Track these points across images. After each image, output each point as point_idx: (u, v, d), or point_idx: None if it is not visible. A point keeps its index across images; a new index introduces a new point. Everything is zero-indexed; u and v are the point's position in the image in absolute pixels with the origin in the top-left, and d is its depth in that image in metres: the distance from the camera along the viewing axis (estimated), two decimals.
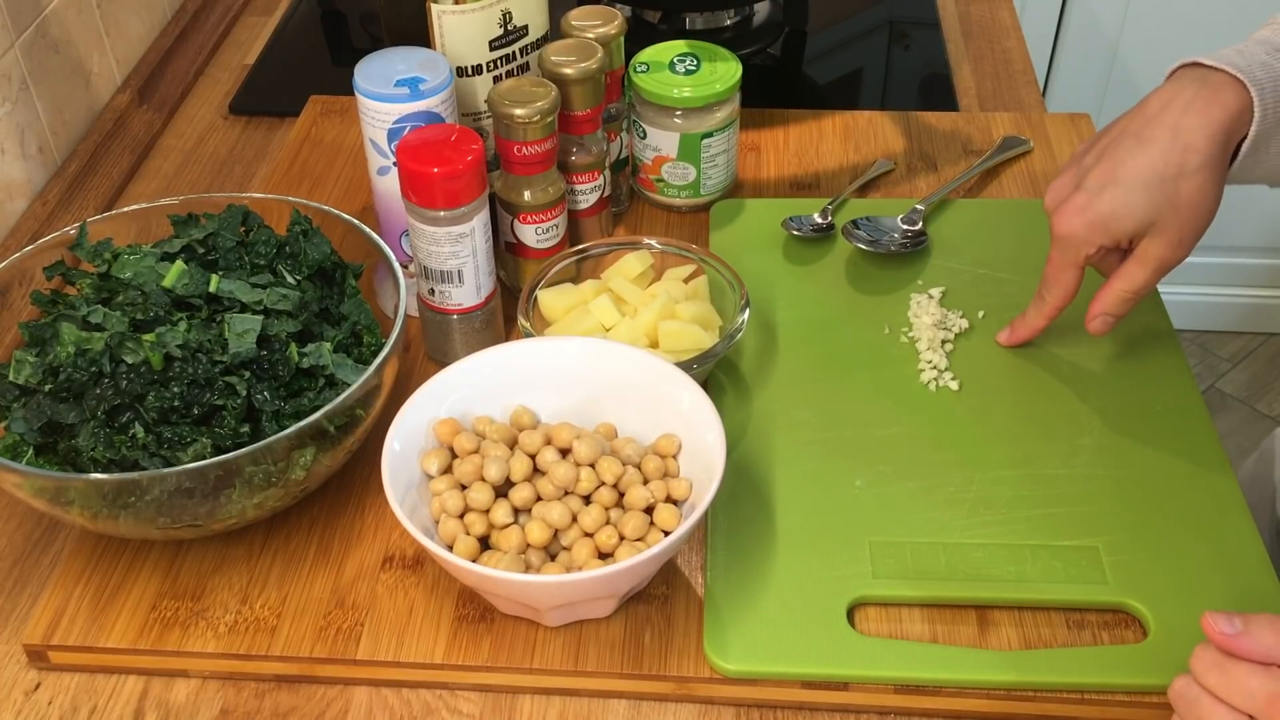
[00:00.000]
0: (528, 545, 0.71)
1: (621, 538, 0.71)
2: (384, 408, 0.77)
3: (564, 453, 0.74)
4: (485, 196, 0.82)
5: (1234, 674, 0.56)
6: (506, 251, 0.92)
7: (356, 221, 0.83)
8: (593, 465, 0.73)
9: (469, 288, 0.84)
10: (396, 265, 0.80)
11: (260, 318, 0.75)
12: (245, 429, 0.72)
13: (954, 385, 0.84)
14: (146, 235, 0.84)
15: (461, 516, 0.72)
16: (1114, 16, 1.87)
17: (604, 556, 0.71)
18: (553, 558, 0.72)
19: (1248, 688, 0.55)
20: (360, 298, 0.81)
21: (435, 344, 0.88)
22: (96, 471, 0.71)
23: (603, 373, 0.77)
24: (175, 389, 0.72)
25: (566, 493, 0.72)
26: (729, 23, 1.24)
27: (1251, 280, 2.14)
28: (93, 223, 0.82)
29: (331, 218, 0.84)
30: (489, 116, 0.91)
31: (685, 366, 0.78)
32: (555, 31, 0.93)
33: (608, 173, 0.95)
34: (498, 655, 0.71)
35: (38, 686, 0.72)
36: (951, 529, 0.75)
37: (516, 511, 0.73)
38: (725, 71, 0.97)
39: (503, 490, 0.73)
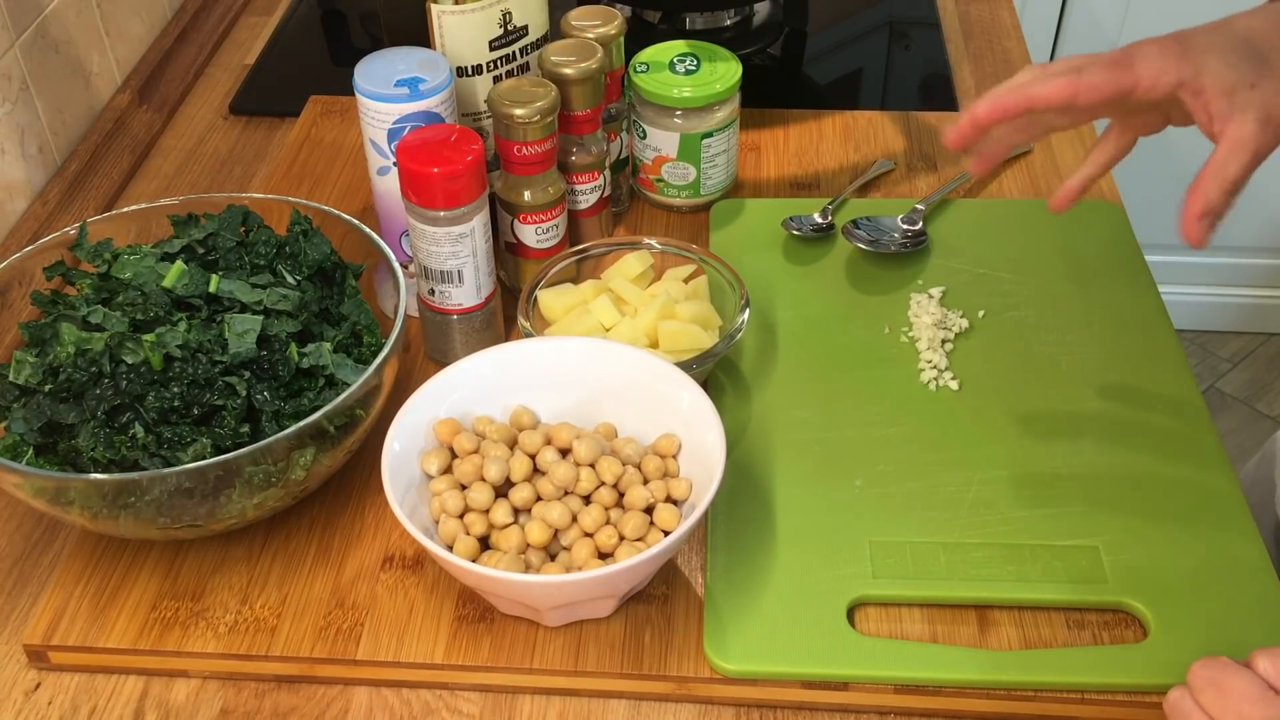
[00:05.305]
0: (528, 545, 0.71)
1: (621, 538, 0.71)
2: (384, 408, 0.77)
3: (564, 453, 0.74)
4: (485, 196, 0.82)
5: (1230, 696, 0.55)
6: (506, 251, 0.92)
7: (356, 221, 0.83)
8: (593, 465, 0.73)
9: (469, 288, 0.84)
10: (396, 265, 0.80)
11: (260, 318, 0.75)
12: (245, 429, 0.72)
13: (954, 385, 0.84)
14: (146, 235, 0.84)
15: (461, 516, 0.72)
16: (1114, 16, 1.87)
17: (604, 556, 0.71)
18: (553, 558, 0.72)
19: (1241, 712, 0.55)
20: (360, 298, 0.81)
21: (435, 344, 0.88)
22: (96, 471, 0.71)
23: (603, 373, 0.77)
24: (175, 389, 0.72)
25: (566, 493, 0.72)
26: (729, 23, 1.24)
27: (1251, 280, 2.14)
28: (93, 223, 0.82)
29: (331, 218, 0.84)
30: (489, 116, 0.91)
31: (685, 366, 0.78)
32: (555, 31, 0.93)
33: (608, 173, 0.95)
34: (498, 655, 0.71)
35: (38, 686, 0.72)
36: (951, 529, 0.75)
37: (516, 511, 0.73)
38: (725, 71, 0.97)
39: (503, 490, 0.73)
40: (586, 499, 0.73)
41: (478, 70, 0.90)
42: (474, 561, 0.69)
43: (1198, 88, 0.66)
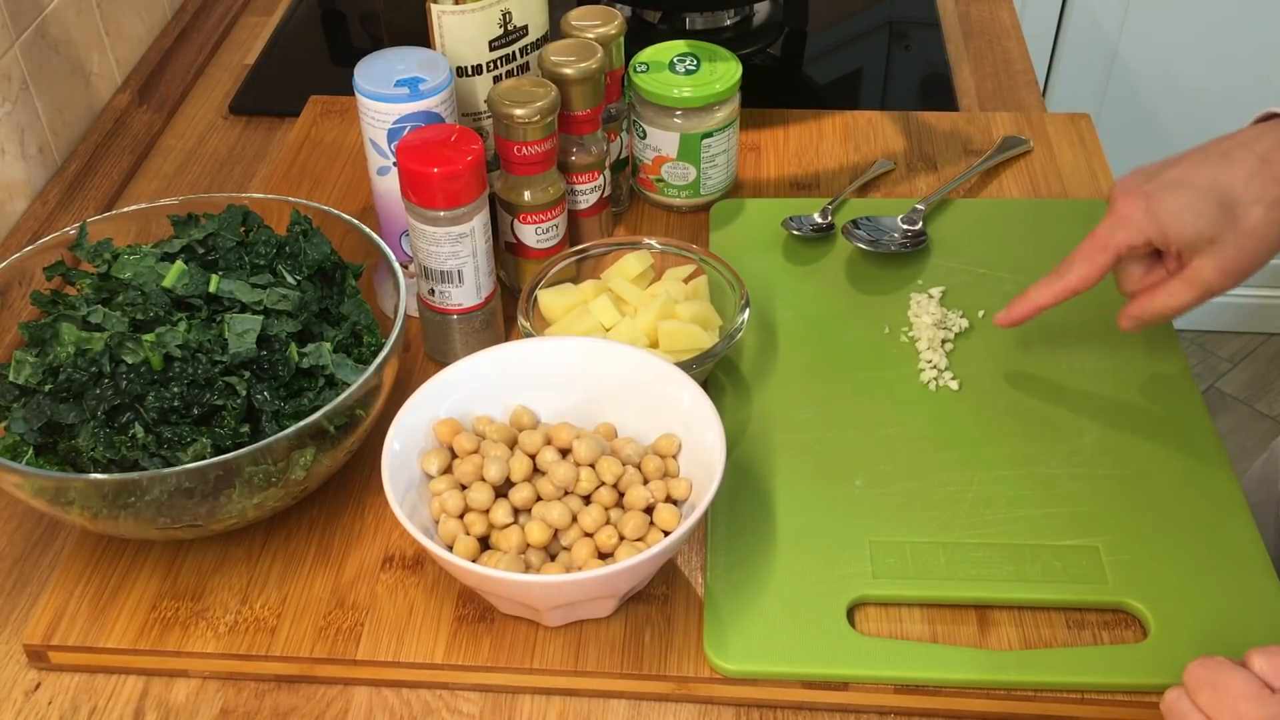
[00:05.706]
0: (528, 545, 0.71)
1: (621, 538, 0.71)
2: (384, 408, 0.77)
3: (564, 453, 0.74)
4: (485, 196, 0.82)
5: (1227, 695, 0.55)
6: (506, 251, 0.92)
7: (356, 221, 0.83)
8: (593, 465, 0.73)
9: (469, 288, 0.84)
10: (396, 265, 0.80)
11: (260, 318, 0.75)
12: (245, 429, 0.72)
13: (954, 385, 0.84)
14: (146, 235, 0.84)
15: (461, 516, 0.72)
16: (1114, 16, 1.87)
17: (604, 556, 0.71)
18: (553, 558, 0.72)
19: (1237, 711, 0.55)
20: (360, 298, 0.81)
21: (435, 344, 0.88)
22: (96, 471, 0.71)
23: (603, 373, 0.77)
24: (175, 389, 0.72)
25: (566, 493, 0.72)
26: (729, 23, 1.24)
27: (1251, 280, 2.13)
28: (93, 223, 0.82)
29: (331, 218, 0.84)
30: (489, 116, 0.91)
31: (685, 366, 0.78)
32: (555, 31, 0.93)
33: (608, 173, 0.95)
34: (498, 655, 0.71)
35: (38, 686, 0.72)
36: (951, 529, 0.75)
37: (516, 511, 0.73)
38: (725, 71, 0.97)
39: (503, 490, 0.73)
40: (586, 499, 0.73)
41: (478, 70, 0.90)
42: (474, 561, 0.69)
43: (1164, 241, 0.74)
